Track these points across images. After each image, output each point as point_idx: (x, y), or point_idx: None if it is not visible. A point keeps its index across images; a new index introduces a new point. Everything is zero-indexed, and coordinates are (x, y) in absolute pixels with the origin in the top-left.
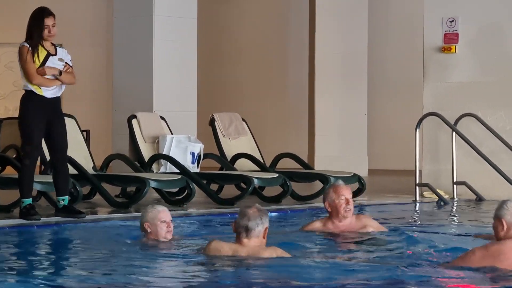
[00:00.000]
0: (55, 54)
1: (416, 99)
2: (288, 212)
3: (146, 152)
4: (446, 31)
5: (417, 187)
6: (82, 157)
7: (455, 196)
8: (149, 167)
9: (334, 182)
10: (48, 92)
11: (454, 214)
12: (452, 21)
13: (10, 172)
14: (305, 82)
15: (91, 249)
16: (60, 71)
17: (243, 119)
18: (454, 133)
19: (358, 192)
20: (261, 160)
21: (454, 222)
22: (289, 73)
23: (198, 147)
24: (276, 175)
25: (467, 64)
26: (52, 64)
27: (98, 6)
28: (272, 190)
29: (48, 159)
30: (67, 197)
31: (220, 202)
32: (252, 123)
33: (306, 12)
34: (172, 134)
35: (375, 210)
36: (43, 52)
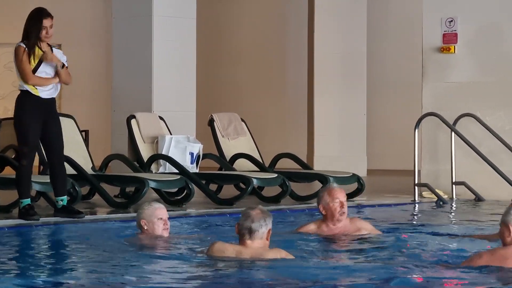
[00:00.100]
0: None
1: (415, 99)
2: (287, 212)
3: (145, 152)
4: (445, 31)
5: (416, 187)
6: (81, 157)
7: (454, 196)
8: (148, 167)
9: (328, 185)
10: (44, 92)
11: (453, 214)
12: (451, 21)
13: (10, 172)
14: (304, 82)
15: (91, 249)
16: (63, 64)
17: (242, 119)
18: (453, 133)
19: (357, 192)
20: (260, 160)
21: (453, 222)
22: (288, 73)
23: (197, 147)
24: (275, 175)
25: (466, 64)
26: (48, 65)
27: (97, 7)
28: (271, 190)
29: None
30: (65, 197)
31: (219, 202)
32: (251, 123)
33: (305, 12)
34: (171, 134)
35: (374, 210)
36: (39, 52)
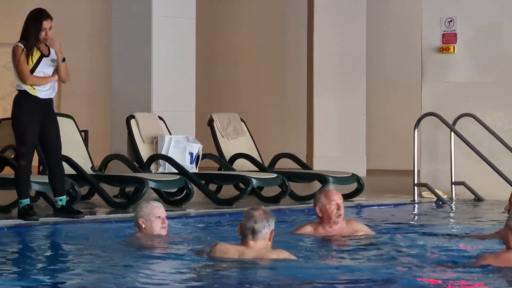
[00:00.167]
0: (48, 55)
1: (415, 99)
2: (287, 212)
3: (145, 152)
4: (444, 31)
5: (416, 187)
6: (81, 157)
7: (454, 196)
8: (147, 167)
9: (325, 187)
10: (42, 93)
11: (452, 214)
12: (451, 21)
13: (9, 172)
14: (303, 82)
15: (90, 249)
16: (64, 58)
17: (242, 119)
18: (452, 133)
19: (357, 192)
20: (260, 160)
21: (452, 222)
22: (287, 73)
23: (197, 147)
24: (275, 175)
25: (465, 64)
26: (45, 65)
27: (96, 7)
28: (270, 190)
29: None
30: (64, 197)
31: (219, 202)
32: (251, 123)
33: (305, 12)
34: (170, 134)
35: (373, 210)
36: (37, 53)
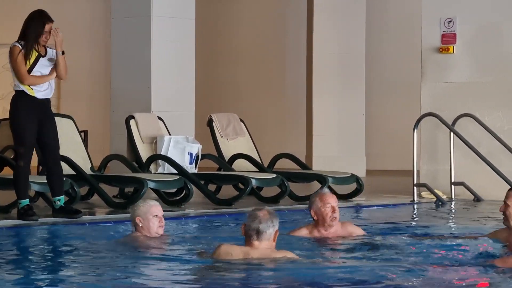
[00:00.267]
0: (45, 55)
1: (414, 100)
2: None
3: (144, 152)
4: (444, 31)
5: (415, 188)
6: (80, 157)
7: (453, 197)
8: (147, 167)
9: (319, 190)
10: (40, 93)
11: (452, 215)
12: (450, 21)
13: (9, 172)
14: (303, 83)
15: (89, 250)
16: (63, 52)
17: (241, 120)
18: (452, 133)
19: (356, 192)
20: (259, 161)
21: (452, 223)
22: (287, 74)
23: (196, 148)
24: (274, 175)
25: (465, 64)
26: (43, 65)
27: (96, 7)
28: (270, 191)
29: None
30: (62, 197)
31: (218, 202)
32: (250, 124)
33: (304, 12)
34: (170, 134)
35: (373, 210)
36: (34, 53)
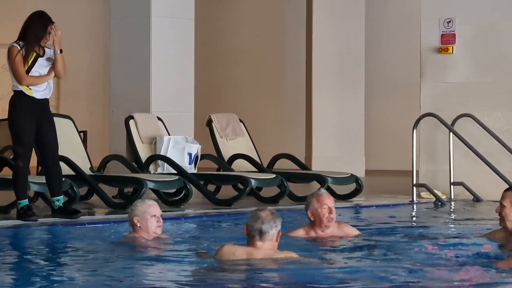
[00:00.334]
0: (43, 55)
1: (413, 100)
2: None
3: (144, 153)
4: (443, 31)
5: (415, 188)
6: (79, 158)
7: (452, 197)
8: (146, 168)
9: (316, 191)
10: (38, 93)
11: (451, 215)
12: (449, 21)
13: (8, 173)
14: (302, 83)
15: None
16: (61, 50)
17: (241, 120)
18: (451, 133)
19: (356, 192)
20: (258, 161)
21: (451, 223)
22: (286, 74)
23: (195, 148)
24: (273, 175)
25: (464, 64)
26: (41, 65)
27: (95, 7)
28: (269, 191)
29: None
30: (61, 197)
31: (217, 202)
32: (250, 124)
33: (304, 13)
34: (169, 135)
35: (372, 210)
36: (33, 54)
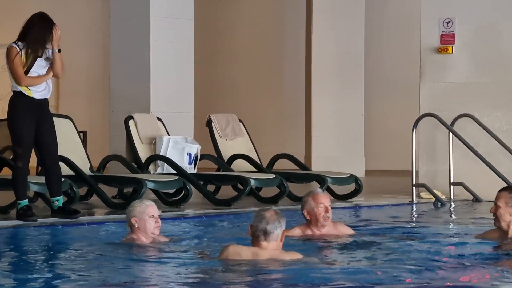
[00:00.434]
0: (42, 55)
1: (413, 100)
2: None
3: (143, 153)
4: (442, 32)
5: (414, 188)
6: (79, 158)
7: (452, 197)
8: (146, 168)
9: (312, 190)
10: (37, 93)
11: (451, 215)
12: (449, 22)
13: (8, 173)
14: (302, 83)
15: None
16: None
17: (240, 120)
18: (450, 133)
19: (355, 192)
20: (258, 161)
21: (451, 223)
22: (286, 74)
23: (195, 148)
24: (273, 176)
25: (463, 64)
26: (40, 66)
27: (95, 7)
28: (269, 191)
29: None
30: (61, 198)
31: (217, 203)
32: (249, 124)
33: (303, 13)
34: (169, 135)
35: (371, 211)
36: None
